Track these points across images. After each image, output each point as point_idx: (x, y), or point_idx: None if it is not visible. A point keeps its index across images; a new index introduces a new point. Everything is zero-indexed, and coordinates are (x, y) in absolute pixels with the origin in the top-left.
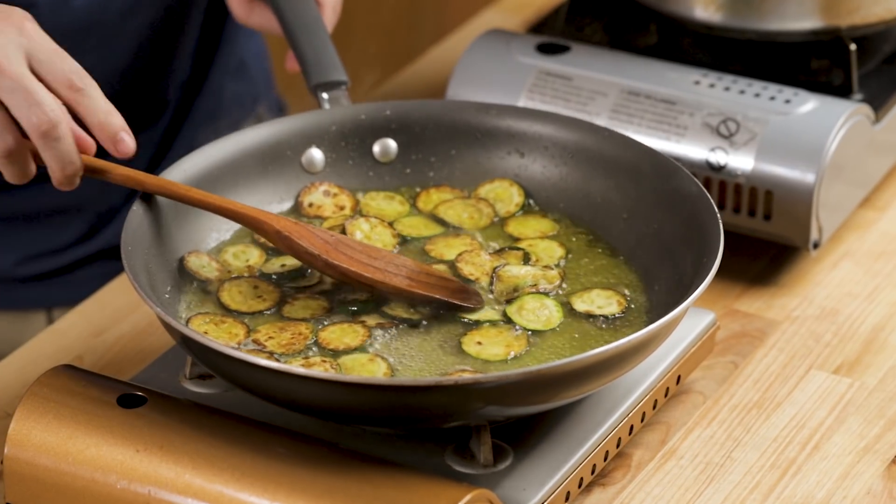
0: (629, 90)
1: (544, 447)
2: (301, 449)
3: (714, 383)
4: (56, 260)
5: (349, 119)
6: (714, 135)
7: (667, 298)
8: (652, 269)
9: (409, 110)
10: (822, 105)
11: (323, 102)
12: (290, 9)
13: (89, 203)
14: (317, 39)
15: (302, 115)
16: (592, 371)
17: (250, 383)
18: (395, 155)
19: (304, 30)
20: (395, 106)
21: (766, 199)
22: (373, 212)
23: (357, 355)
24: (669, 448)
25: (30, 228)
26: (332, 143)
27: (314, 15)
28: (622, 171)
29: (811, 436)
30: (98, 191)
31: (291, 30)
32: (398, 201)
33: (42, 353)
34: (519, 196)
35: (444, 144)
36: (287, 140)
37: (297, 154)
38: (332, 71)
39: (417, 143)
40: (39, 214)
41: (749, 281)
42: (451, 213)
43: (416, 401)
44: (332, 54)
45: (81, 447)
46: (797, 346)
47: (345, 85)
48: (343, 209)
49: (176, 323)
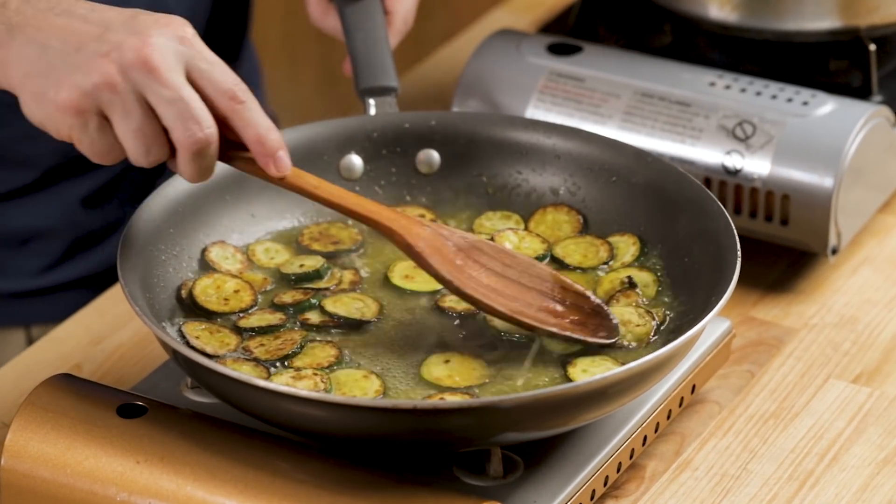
0: (643, 92)
1: (556, 459)
2: (305, 461)
3: (730, 393)
4: (33, 281)
5: (391, 126)
6: (730, 138)
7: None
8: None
9: (454, 121)
10: (840, 107)
11: (369, 108)
12: (352, 12)
13: (66, 228)
14: (372, 44)
15: (343, 120)
16: (612, 391)
17: (234, 399)
18: (437, 166)
19: (361, 33)
20: (441, 116)
21: (783, 203)
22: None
23: (350, 370)
24: (684, 459)
25: (5, 248)
26: (373, 151)
27: (376, 21)
28: (648, 191)
29: (829, 447)
30: (75, 216)
31: (349, 32)
32: (514, 221)
33: (40, 362)
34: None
35: (488, 158)
36: (325, 144)
37: (335, 159)
38: (381, 76)
39: (462, 155)
40: (14, 237)
41: (766, 288)
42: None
43: (433, 425)
44: (386, 60)
45: (80, 458)
46: (815, 354)
47: (394, 92)
48: (423, 216)
49: (150, 322)
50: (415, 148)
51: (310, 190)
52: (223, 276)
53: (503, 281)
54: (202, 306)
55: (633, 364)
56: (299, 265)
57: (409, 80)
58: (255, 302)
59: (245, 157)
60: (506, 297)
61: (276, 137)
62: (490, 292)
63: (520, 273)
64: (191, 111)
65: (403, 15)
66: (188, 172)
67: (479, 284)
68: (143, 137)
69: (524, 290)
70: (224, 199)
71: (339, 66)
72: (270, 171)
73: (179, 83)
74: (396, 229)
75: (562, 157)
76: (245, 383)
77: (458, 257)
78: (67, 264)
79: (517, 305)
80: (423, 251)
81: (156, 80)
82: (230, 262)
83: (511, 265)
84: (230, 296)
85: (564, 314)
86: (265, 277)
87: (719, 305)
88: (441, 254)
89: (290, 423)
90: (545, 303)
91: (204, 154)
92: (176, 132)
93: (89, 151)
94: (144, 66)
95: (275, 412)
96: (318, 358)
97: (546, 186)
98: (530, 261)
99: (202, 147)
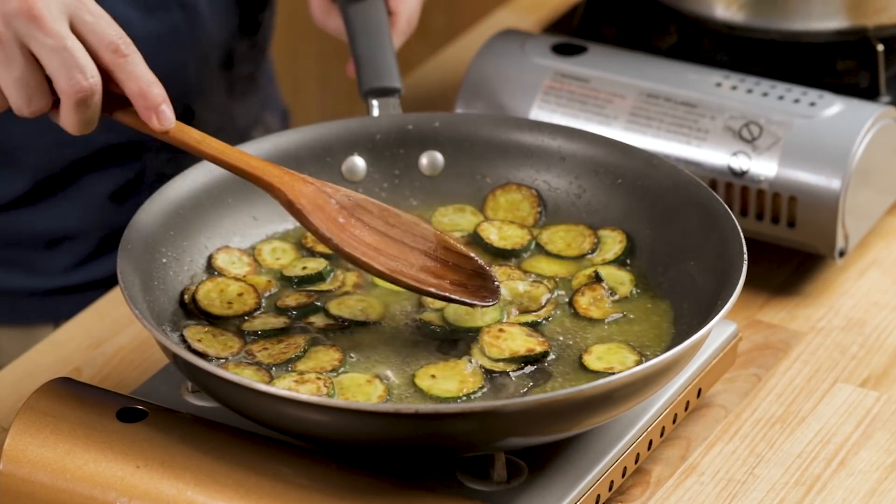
0: (648, 92)
1: (560, 464)
2: (307, 466)
3: (736, 397)
4: (62, 279)
5: (395, 128)
6: (736, 139)
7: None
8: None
9: (458, 122)
10: (848, 108)
11: (372, 109)
12: (355, 13)
13: (95, 226)
14: (376, 44)
15: (345, 121)
16: (617, 395)
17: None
18: (441, 168)
19: (364, 34)
20: (445, 118)
21: (790, 205)
22: (448, 227)
23: (354, 374)
24: (690, 464)
25: (33, 249)
26: (376, 153)
27: (379, 21)
28: (649, 192)
29: (837, 451)
30: (104, 214)
31: (352, 33)
32: (469, 212)
33: (39, 365)
34: (620, 244)
35: (492, 160)
36: (328, 146)
37: (338, 161)
38: (385, 77)
39: (466, 156)
40: (43, 237)
41: (772, 291)
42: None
43: (438, 429)
44: (390, 61)
45: (79, 463)
46: (822, 358)
47: (398, 93)
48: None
49: (150, 326)
50: (418, 149)
51: (193, 145)
52: (226, 280)
53: (385, 240)
54: (205, 310)
55: (638, 368)
56: (301, 267)
57: (413, 81)
58: (258, 305)
59: (129, 112)
60: (387, 255)
61: (159, 92)
62: (370, 251)
63: (403, 233)
64: (75, 60)
65: (407, 16)
66: (71, 122)
67: (360, 243)
68: (26, 87)
69: (406, 250)
70: (226, 201)
71: (343, 67)
72: (153, 124)
73: (63, 32)
74: (278, 185)
75: (567, 158)
76: (245, 387)
77: (341, 215)
78: (97, 262)
79: (397, 265)
80: (304, 207)
81: (39, 29)
82: (237, 266)
83: (395, 224)
84: (234, 299)
85: (445, 274)
86: (269, 280)
87: (725, 309)
88: (323, 211)
89: (291, 428)
90: (426, 262)
91: (88, 103)
92: (60, 81)
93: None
94: (28, 14)
95: (275, 416)
96: (321, 362)
97: (551, 188)
98: (414, 220)
99: (86, 96)
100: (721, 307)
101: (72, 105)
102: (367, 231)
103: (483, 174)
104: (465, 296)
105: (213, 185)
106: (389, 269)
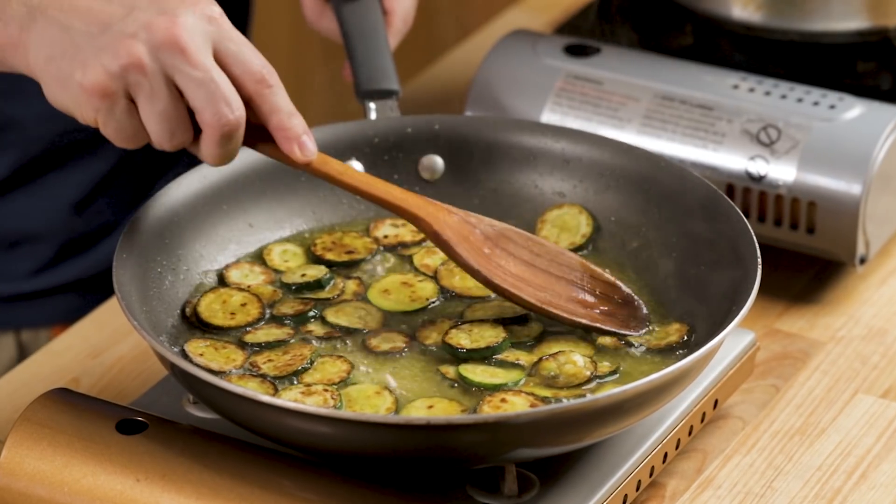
0: (663, 95)
1: (572, 477)
2: (312, 479)
3: (754, 408)
4: (24, 285)
5: (393, 131)
6: (754, 142)
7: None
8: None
9: (459, 125)
10: (869, 111)
11: (369, 112)
12: (349, 13)
13: (57, 230)
14: (371, 45)
15: (342, 125)
16: (629, 405)
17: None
18: (441, 172)
19: (359, 34)
20: (444, 120)
21: (810, 211)
22: None
23: (362, 386)
24: (706, 477)
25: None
26: (374, 157)
27: (374, 21)
28: (657, 195)
29: (858, 464)
30: (66, 218)
31: (347, 34)
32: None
33: (36, 376)
34: (587, 226)
35: (494, 163)
36: (324, 150)
37: None
38: (382, 79)
39: (467, 160)
40: (3, 239)
41: (791, 299)
42: None
43: (446, 441)
44: (386, 62)
45: (78, 476)
46: (843, 368)
47: (395, 95)
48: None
49: (148, 335)
50: (418, 153)
51: (335, 176)
52: (229, 290)
53: (532, 270)
54: (207, 322)
55: (650, 378)
56: (301, 274)
57: (420, 84)
58: (262, 315)
59: (270, 143)
60: (535, 286)
61: (300, 122)
62: (519, 282)
63: (549, 262)
64: (221, 93)
65: (403, 14)
66: (212, 155)
67: (508, 274)
68: (169, 121)
69: (553, 280)
70: (221, 208)
71: (344, 69)
72: (295, 155)
73: (209, 64)
74: (423, 216)
75: (571, 161)
76: (248, 399)
77: (486, 246)
78: (58, 267)
79: (546, 296)
80: (450, 239)
81: (185, 61)
82: (251, 278)
83: (540, 254)
84: (237, 309)
85: (594, 304)
86: (274, 290)
87: (739, 317)
88: (468, 242)
89: (297, 441)
90: (575, 293)
91: (231, 137)
92: (205, 114)
93: (114, 135)
94: (174, 46)
95: (279, 429)
96: (328, 374)
97: (555, 192)
98: (560, 249)
99: (232, 130)
100: (735, 314)
101: (216, 139)
102: (513, 261)
103: (485, 178)
104: (614, 325)
105: (209, 191)
106: (539, 300)
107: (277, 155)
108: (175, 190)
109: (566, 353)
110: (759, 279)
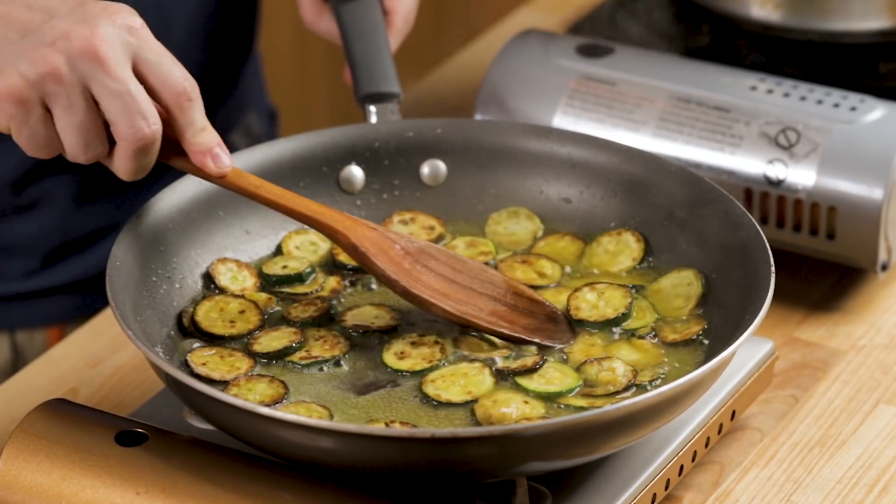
0: (679, 96)
1: (586, 490)
2: (315, 493)
3: (772, 419)
4: (19, 285)
5: (394, 135)
6: (772, 145)
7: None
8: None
9: (462, 129)
10: (890, 113)
11: (370, 115)
12: (349, 13)
13: (53, 232)
14: (371, 47)
15: (342, 129)
16: (640, 417)
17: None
18: (444, 178)
19: (359, 36)
20: (447, 124)
21: (830, 216)
22: (504, 237)
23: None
24: (723, 490)
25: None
26: (375, 162)
27: (374, 21)
28: (666, 200)
29: (879, 476)
30: (63, 219)
31: (346, 35)
32: (524, 216)
33: (33, 386)
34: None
35: (498, 168)
36: (323, 155)
37: (334, 171)
38: (382, 81)
39: (470, 165)
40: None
41: (810, 306)
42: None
43: (452, 455)
44: (387, 64)
45: (76, 489)
46: (864, 377)
47: (397, 98)
48: (433, 229)
49: (141, 344)
50: (419, 158)
51: (251, 190)
52: (225, 298)
53: (453, 286)
54: (207, 331)
55: (663, 389)
56: (282, 266)
57: (428, 86)
58: (263, 322)
59: (184, 157)
60: (455, 300)
61: (213, 135)
62: (439, 295)
63: (471, 279)
64: (137, 105)
65: (404, 14)
66: (125, 169)
67: (428, 287)
68: (84, 133)
69: (475, 295)
70: (217, 214)
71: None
72: (209, 168)
73: (126, 76)
74: (340, 230)
75: (577, 166)
76: (246, 411)
77: (406, 261)
78: (54, 268)
79: (467, 309)
80: (368, 251)
81: (103, 72)
82: (237, 283)
83: (462, 270)
84: (236, 317)
85: (516, 319)
86: (270, 297)
87: (753, 325)
88: (388, 255)
89: (297, 455)
90: (497, 307)
91: (147, 151)
92: (121, 127)
93: (27, 143)
94: (92, 56)
95: (278, 443)
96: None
97: (560, 198)
98: (482, 266)
99: (147, 144)
100: (749, 322)
101: (130, 152)
102: (434, 277)
103: (489, 184)
104: (539, 338)
105: (204, 197)
106: (460, 311)
107: (192, 169)
108: (170, 196)
109: (610, 360)
110: (772, 287)
